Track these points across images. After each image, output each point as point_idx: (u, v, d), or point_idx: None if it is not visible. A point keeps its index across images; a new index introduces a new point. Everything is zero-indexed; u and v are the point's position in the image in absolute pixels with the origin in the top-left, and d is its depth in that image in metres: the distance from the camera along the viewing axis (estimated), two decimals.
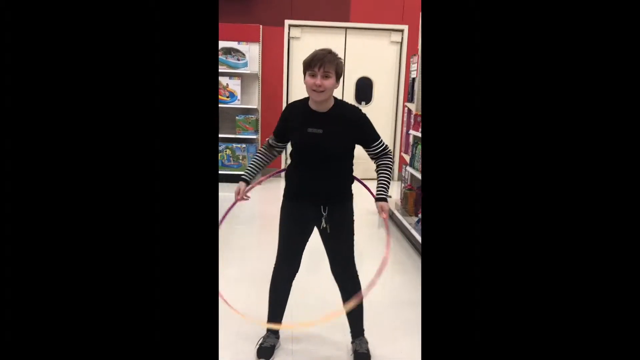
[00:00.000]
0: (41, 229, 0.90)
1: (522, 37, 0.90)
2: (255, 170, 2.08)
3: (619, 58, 0.87)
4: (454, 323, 0.93)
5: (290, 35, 5.96)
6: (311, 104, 1.91)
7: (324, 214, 1.96)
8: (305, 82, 1.86)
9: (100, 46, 0.92)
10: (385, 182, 1.96)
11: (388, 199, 1.95)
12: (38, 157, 0.89)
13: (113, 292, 0.93)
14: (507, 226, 0.91)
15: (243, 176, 2.07)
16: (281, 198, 2.06)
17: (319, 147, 1.89)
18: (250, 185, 2.08)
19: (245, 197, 2.04)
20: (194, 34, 0.96)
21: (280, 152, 2.15)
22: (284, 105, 5.85)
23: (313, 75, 1.82)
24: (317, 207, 1.97)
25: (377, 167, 1.99)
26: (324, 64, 1.81)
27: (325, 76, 1.82)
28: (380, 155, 1.97)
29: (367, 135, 1.96)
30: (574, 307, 0.88)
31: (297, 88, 6.00)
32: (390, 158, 1.99)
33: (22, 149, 0.89)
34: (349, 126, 1.91)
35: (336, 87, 1.88)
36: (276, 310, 2.18)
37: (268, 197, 4.89)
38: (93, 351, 0.92)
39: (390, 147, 6.16)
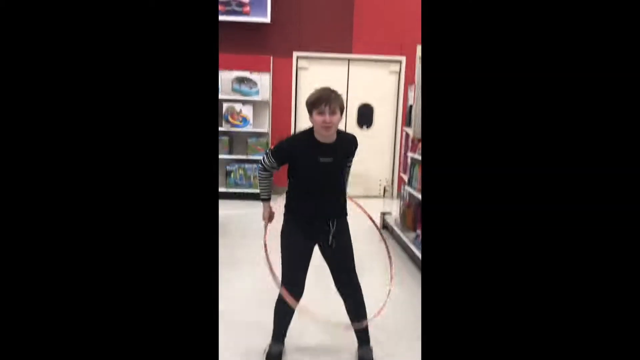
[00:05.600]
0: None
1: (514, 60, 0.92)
2: (269, 191, 2.21)
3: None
4: (453, 340, 0.91)
5: (299, 66, 6.26)
6: (318, 137, 2.05)
7: (332, 229, 2.10)
8: (313, 120, 1.98)
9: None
10: None
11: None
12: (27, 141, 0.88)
13: (108, 305, 0.88)
14: (505, 240, 0.89)
15: (265, 197, 2.19)
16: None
17: (330, 173, 2.09)
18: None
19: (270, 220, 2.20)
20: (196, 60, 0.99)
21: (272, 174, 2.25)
22: (292, 128, 6.31)
23: (321, 113, 1.96)
24: (326, 225, 2.12)
25: None
26: (330, 102, 1.95)
27: (332, 112, 1.96)
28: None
29: (352, 155, 2.22)
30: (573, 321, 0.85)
31: (304, 113, 6.11)
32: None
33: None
34: (348, 151, 2.15)
35: (340, 121, 2.04)
36: (280, 330, 2.26)
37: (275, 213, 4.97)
38: None
39: (390, 168, 6.48)
